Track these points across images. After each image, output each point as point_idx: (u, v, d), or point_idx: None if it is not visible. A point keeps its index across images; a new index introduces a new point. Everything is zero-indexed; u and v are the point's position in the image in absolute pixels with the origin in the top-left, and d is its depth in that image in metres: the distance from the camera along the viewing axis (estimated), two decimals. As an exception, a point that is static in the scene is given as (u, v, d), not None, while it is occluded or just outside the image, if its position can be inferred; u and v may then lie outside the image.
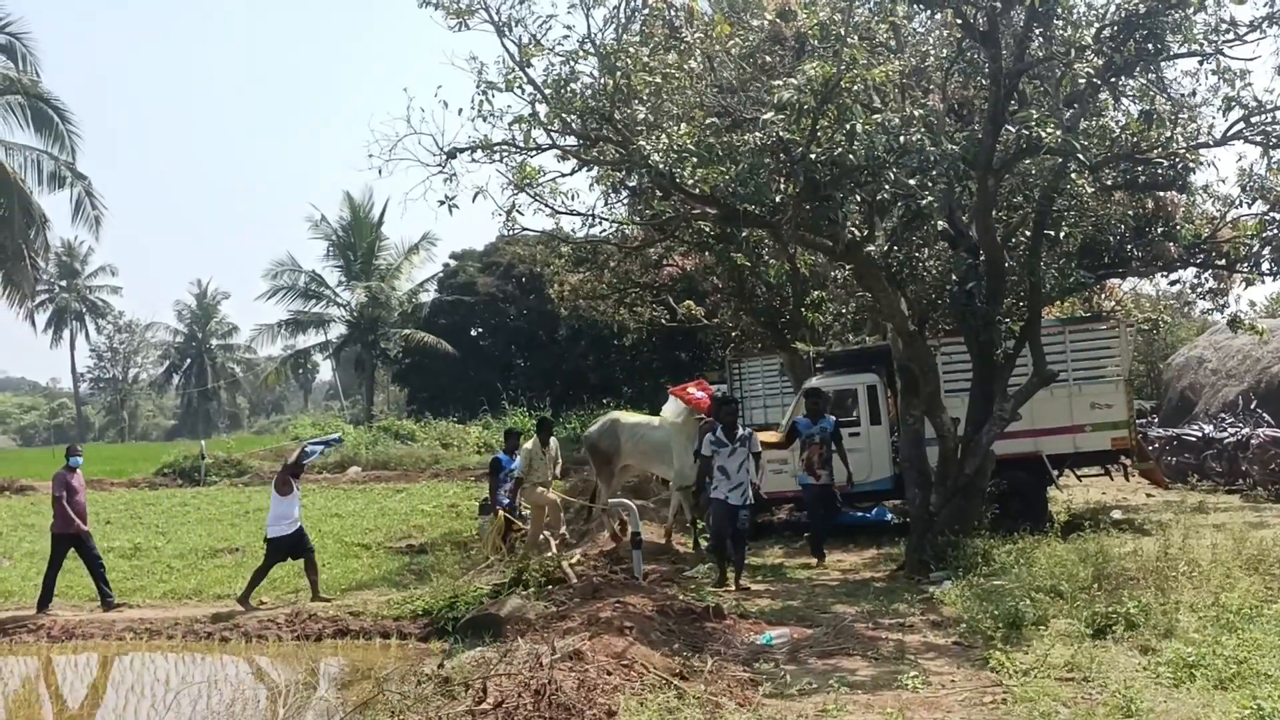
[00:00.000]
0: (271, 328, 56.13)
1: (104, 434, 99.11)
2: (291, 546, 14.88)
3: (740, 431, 13.20)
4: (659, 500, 19.44)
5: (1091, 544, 11.49)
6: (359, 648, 13.04)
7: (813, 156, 10.99)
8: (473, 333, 48.22)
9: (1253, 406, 21.32)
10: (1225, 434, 20.53)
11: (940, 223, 12.98)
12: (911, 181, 11.28)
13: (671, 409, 16.47)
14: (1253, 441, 19.28)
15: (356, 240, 54.05)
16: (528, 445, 15.70)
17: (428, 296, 52.57)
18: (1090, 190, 13.73)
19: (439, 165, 12.87)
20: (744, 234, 16.14)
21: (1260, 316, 31.77)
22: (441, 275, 51.73)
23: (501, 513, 15.83)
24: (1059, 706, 7.05)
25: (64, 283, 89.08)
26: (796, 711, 7.53)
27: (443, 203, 12.94)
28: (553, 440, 15.96)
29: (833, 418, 15.15)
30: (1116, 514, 16.66)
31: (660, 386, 41.05)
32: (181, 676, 12.35)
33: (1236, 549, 11.27)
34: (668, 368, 40.75)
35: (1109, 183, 14.01)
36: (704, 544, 15.44)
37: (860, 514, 17.44)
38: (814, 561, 14.65)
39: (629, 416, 17.58)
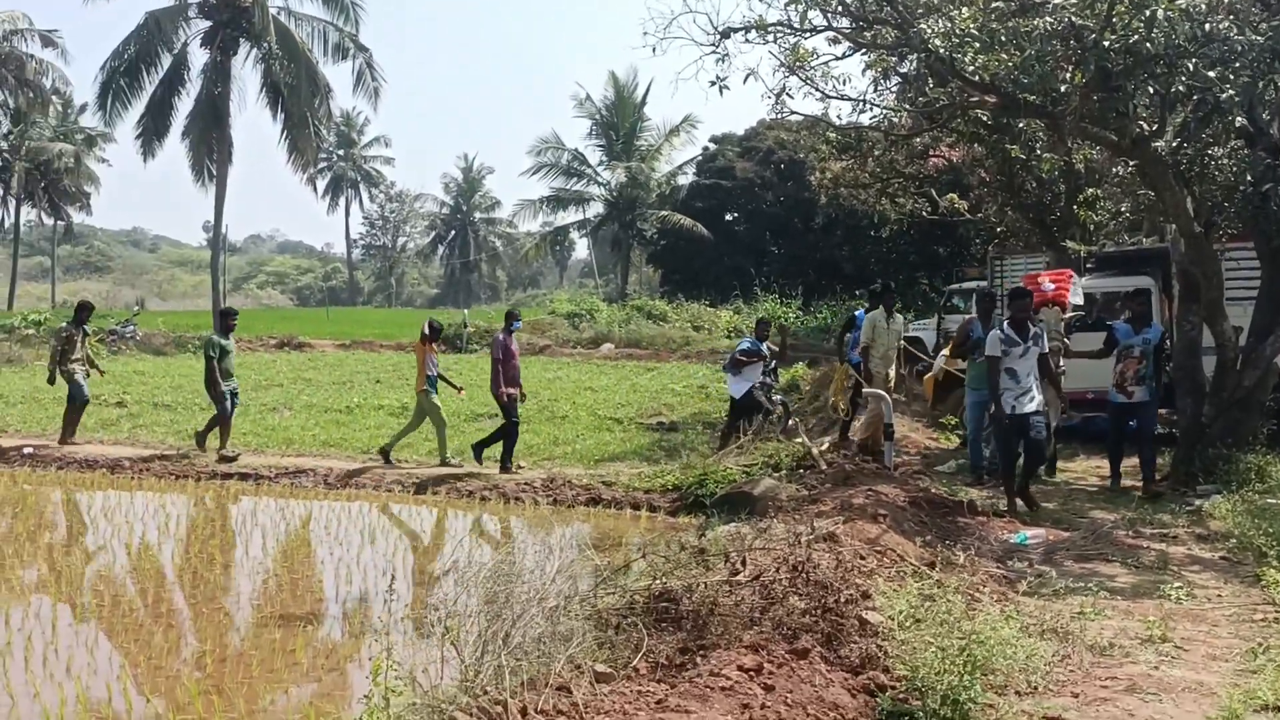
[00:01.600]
0: (533, 204, 57.65)
1: (372, 298, 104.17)
2: (748, 407, 15.80)
3: (1033, 329, 11.64)
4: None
5: (1381, 467, 10.84)
6: (610, 516, 13.48)
7: (1106, 44, 10.45)
8: (728, 217, 48.27)
9: None
10: None
11: (1239, 119, 12.18)
12: (1211, 74, 10.60)
13: None
14: None
15: (619, 120, 54.64)
16: (873, 312, 14.63)
17: (685, 179, 52.86)
18: None
19: (712, 45, 12.83)
20: (1021, 125, 15.56)
21: None
22: (700, 158, 51.88)
23: (848, 367, 15.55)
24: (1338, 630, 6.74)
25: (341, 152, 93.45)
26: (1054, 611, 7.43)
27: (714, 83, 12.92)
28: (899, 315, 14.84)
29: (1160, 328, 13.42)
30: None
31: (915, 280, 40.45)
32: (447, 529, 13.08)
33: None
34: (924, 262, 40.02)
35: None
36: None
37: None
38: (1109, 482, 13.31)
39: None
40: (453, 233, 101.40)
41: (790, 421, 16.56)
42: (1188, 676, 6.29)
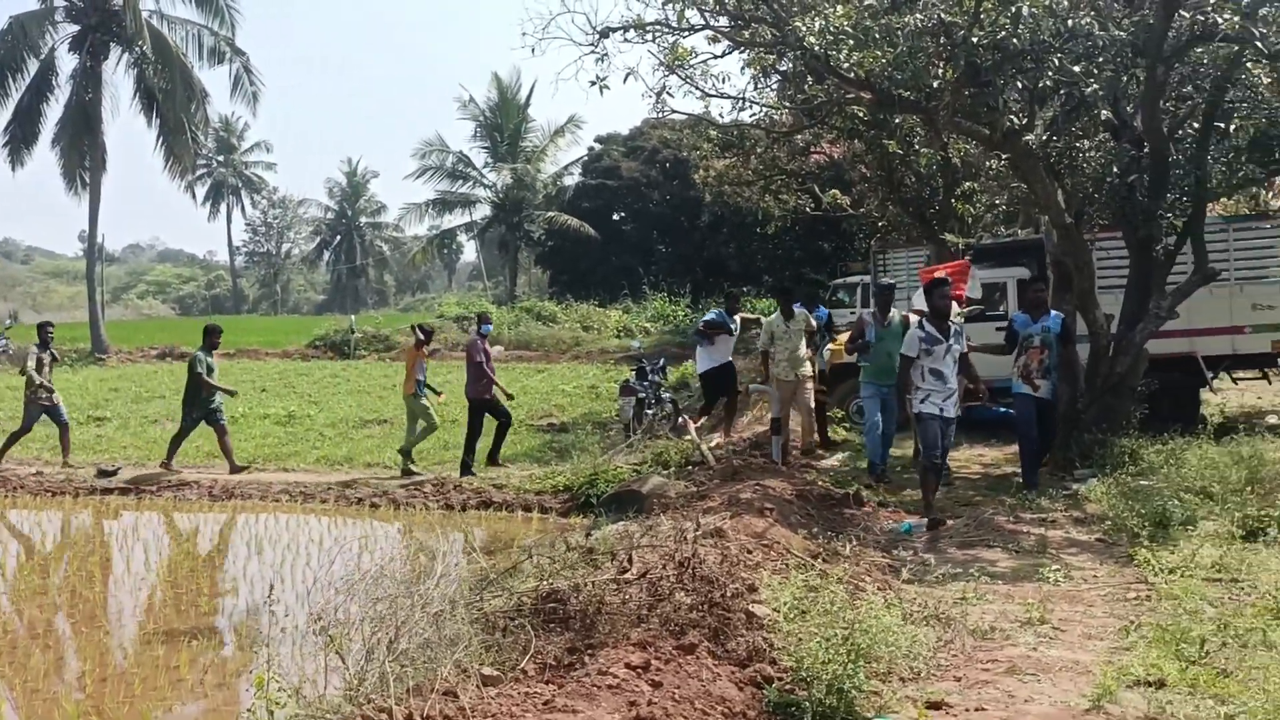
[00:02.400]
0: (419, 207, 57.21)
1: (257, 306, 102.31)
2: (721, 378, 15.88)
3: (954, 326, 10.79)
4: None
5: (1245, 447, 11.19)
6: (501, 519, 13.45)
7: (975, 40, 10.68)
8: (615, 217, 48.34)
9: None
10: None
11: (1104, 112, 12.54)
12: (1076, 68, 10.91)
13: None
14: None
15: (503, 121, 54.44)
16: (770, 318, 14.30)
17: (572, 180, 52.82)
18: (1266, 81, 13.07)
19: (591, 45, 12.85)
20: (897, 120, 15.83)
21: None
22: (586, 159, 51.90)
23: None
24: (1206, 605, 6.96)
25: (221, 157, 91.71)
26: (936, 597, 7.57)
27: (594, 83, 12.93)
28: (800, 310, 14.27)
29: (1060, 315, 12.40)
30: (1272, 419, 16.18)
31: (801, 276, 40.86)
32: (335, 537, 12.90)
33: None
34: (809, 257, 40.41)
35: (1287, 73, 13.33)
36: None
37: (1002, 409, 17.18)
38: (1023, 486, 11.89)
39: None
40: (338, 238, 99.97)
41: (680, 419, 16.66)
42: (1065, 656, 6.45)
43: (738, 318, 16.14)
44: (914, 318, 12.03)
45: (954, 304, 12.72)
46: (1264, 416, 16.46)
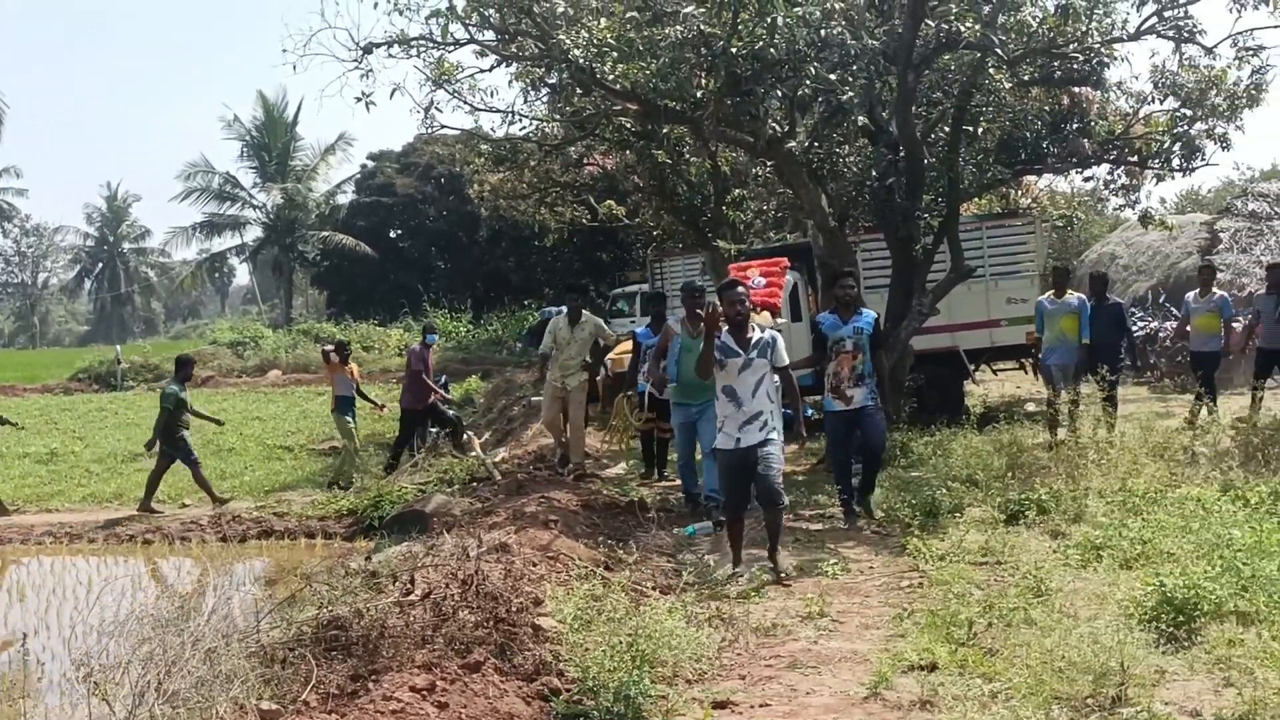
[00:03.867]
0: (186, 231, 55.48)
1: (14, 340, 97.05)
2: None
3: (758, 335, 8.67)
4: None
5: (1006, 435, 11.73)
6: (284, 548, 13.14)
7: (734, 50, 10.95)
8: (392, 234, 47.74)
9: (1161, 300, 21.73)
10: (1135, 328, 20.92)
11: (861, 118, 13.01)
12: (832, 76, 11.30)
13: None
14: (1160, 335, 19.73)
15: (271, 141, 53.20)
16: (556, 318, 13.50)
17: (345, 198, 51.94)
18: (1008, 86, 13.82)
19: (355, 61, 12.67)
20: (665, 130, 16.06)
21: (1170, 213, 32.04)
22: (359, 176, 51.09)
23: (633, 396, 13.34)
24: (973, 588, 7.26)
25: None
26: (719, 598, 7.69)
27: (359, 99, 12.77)
28: (590, 317, 13.43)
29: (872, 313, 10.73)
30: (1030, 406, 17.02)
31: (582, 288, 41.09)
32: (104, 578, 12.32)
33: (1143, 437, 11.53)
34: (589, 268, 40.66)
35: (1026, 78, 14.09)
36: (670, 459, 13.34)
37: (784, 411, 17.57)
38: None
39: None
40: (100, 265, 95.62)
41: (465, 436, 16.53)
42: (844, 647, 6.63)
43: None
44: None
45: (770, 314, 12.27)
46: (1023, 404, 17.31)
